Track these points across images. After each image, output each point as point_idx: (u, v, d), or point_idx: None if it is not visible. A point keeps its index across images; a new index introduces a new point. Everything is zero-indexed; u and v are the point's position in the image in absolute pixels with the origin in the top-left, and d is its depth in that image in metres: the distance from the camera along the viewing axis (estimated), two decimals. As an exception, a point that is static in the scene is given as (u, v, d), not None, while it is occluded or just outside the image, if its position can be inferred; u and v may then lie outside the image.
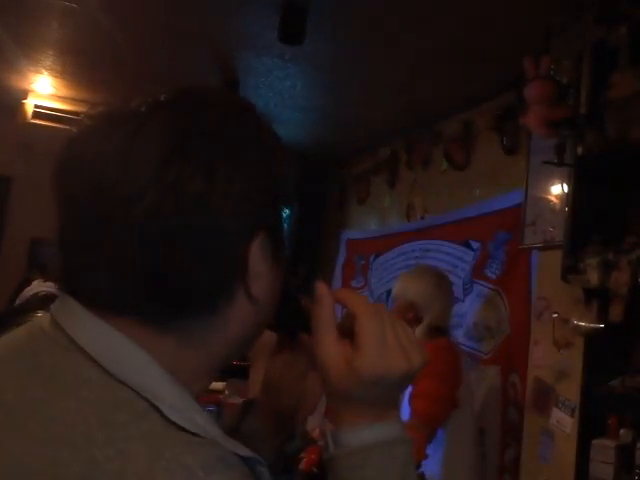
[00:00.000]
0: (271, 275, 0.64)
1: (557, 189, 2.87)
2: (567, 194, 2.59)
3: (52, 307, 0.62)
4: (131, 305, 0.59)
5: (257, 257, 0.61)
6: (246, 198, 0.60)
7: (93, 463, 0.51)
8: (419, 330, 2.61)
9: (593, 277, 2.30)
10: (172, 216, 0.57)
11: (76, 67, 3.74)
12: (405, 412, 2.35)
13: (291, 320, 0.76)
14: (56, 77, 3.97)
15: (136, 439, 0.52)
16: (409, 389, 2.35)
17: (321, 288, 0.70)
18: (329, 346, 0.66)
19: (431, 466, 2.36)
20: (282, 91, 3.68)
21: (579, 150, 2.40)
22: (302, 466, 2.27)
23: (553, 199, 2.91)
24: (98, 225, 0.58)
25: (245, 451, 0.57)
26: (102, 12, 2.85)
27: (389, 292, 4.28)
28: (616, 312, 2.27)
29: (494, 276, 3.26)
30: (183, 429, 0.54)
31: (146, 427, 0.53)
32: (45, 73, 3.88)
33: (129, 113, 0.61)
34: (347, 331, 0.67)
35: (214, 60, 3.34)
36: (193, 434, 0.54)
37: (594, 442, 2.30)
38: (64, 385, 0.56)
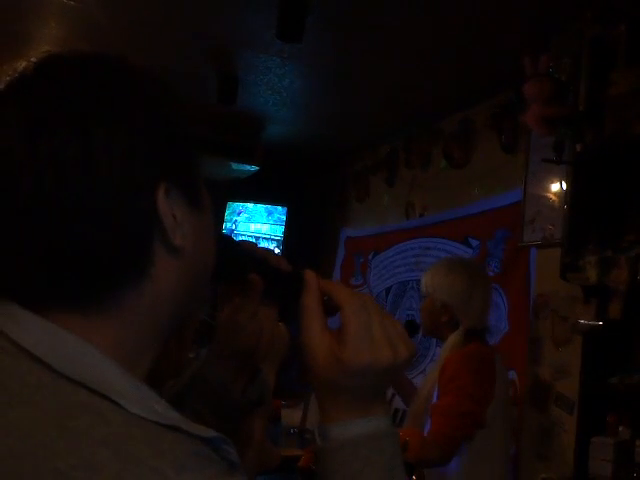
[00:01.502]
0: (193, 221, 0.62)
1: (556, 187, 2.88)
2: (566, 192, 2.59)
3: None
4: (53, 294, 0.56)
5: (168, 207, 0.59)
6: (131, 152, 0.57)
7: (59, 474, 0.49)
8: (455, 336, 2.26)
9: (592, 275, 2.31)
10: (56, 189, 0.54)
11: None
12: (426, 427, 2.17)
13: (236, 266, 0.77)
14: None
15: (100, 445, 0.50)
16: (432, 401, 2.20)
17: (309, 276, 0.70)
18: (315, 335, 0.67)
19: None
20: (281, 89, 3.67)
21: (578, 148, 2.40)
22: (301, 463, 2.27)
23: (552, 197, 2.91)
24: None
25: (208, 432, 0.55)
26: (100, 10, 2.85)
27: (388, 290, 4.29)
28: (615, 310, 2.27)
29: (493, 274, 3.26)
30: (146, 421, 0.52)
31: (108, 430, 0.51)
32: None
33: None
34: (331, 311, 0.67)
35: (213, 57, 3.34)
36: (157, 425, 0.52)
37: (593, 439, 2.30)
38: (13, 392, 0.52)
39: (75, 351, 0.55)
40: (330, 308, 0.68)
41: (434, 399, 2.24)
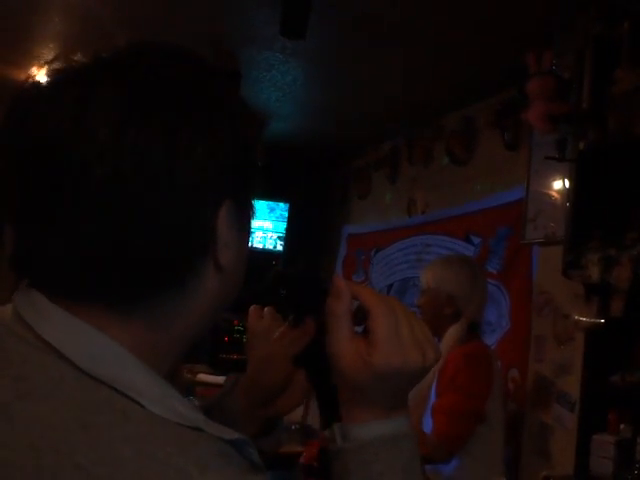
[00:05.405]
0: (238, 243, 0.61)
1: (558, 184, 2.87)
2: (568, 189, 2.59)
3: (14, 299, 0.57)
4: (93, 288, 0.55)
5: (224, 226, 0.58)
6: (211, 164, 0.56)
7: (80, 469, 0.48)
8: (458, 328, 2.32)
9: (594, 272, 2.30)
10: (131, 183, 0.52)
11: (77, 61, 3.73)
12: (427, 425, 2.21)
13: (311, 303, 0.75)
14: (57, 71, 3.97)
15: (121, 441, 0.49)
16: (432, 400, 2.24)
17: (338, 282, 0.68)
18: (344, 341, 0.66)
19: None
20: (283, 86, 3.67)
21: (581, 145, 2.40)
22: (302, 460, 2.28)
23: (554, 194, 2.90)
24: (50, 196, 0.53)
25: (231, 433, 0.54)
26: (103, 6, 2.84)
27: (390, 286, 4.29)
28: (617, 308, 2.27)
29: (495, 271, 3.26)
30: (168, 422, 0.52)
31: (130, 428, 0.50)
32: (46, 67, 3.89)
33: (80, 72, 0.57)
34: (360, 321, 0.66)
35: (216, 51, 3.34)
36: (179, 426, 0.52)
37: (594, 437, 2.30)
38: (36, 386, 0.52)
39: (100, 348, 0.54)
40: (358, 313, 0.67)
41: (432, 396, 2.25)
